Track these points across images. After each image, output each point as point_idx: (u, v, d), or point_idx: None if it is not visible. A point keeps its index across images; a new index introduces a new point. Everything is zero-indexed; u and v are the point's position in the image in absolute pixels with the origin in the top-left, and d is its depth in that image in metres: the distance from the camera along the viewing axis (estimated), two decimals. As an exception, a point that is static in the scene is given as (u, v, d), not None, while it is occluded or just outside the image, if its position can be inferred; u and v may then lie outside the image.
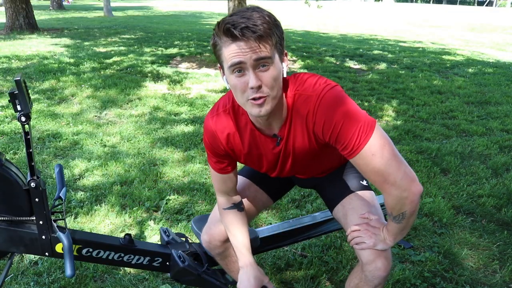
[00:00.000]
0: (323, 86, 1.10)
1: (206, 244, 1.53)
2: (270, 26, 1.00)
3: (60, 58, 7.00)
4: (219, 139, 1.24)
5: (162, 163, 3.15)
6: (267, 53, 1.00)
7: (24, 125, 1.27)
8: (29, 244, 1.42)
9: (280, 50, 1.05)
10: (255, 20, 0.97)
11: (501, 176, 3.07)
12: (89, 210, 2.48)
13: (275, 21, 1.02)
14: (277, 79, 1.04)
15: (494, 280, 1.99)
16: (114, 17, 18.10)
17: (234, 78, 1.03)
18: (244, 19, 0.97)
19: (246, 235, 1.41)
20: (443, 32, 15.13)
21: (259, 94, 1.03)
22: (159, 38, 10.15)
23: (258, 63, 1.00)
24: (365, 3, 52.07)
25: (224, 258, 1.56)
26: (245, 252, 1.40)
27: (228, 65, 1.02)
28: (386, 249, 1.25)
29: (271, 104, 1.06)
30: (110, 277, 1.95)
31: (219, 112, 1.23)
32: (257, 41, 0.98)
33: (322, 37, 11.92)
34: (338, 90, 1.11)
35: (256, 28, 0.97)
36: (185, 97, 5.02)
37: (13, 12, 10.87)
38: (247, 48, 0.98)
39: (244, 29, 0.96)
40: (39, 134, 3.65)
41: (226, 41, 1.00)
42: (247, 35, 0.97)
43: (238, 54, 0.99)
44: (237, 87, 1.04)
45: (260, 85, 1.02)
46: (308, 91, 1.11)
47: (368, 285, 1.30)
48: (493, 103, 5.05)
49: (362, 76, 6.44)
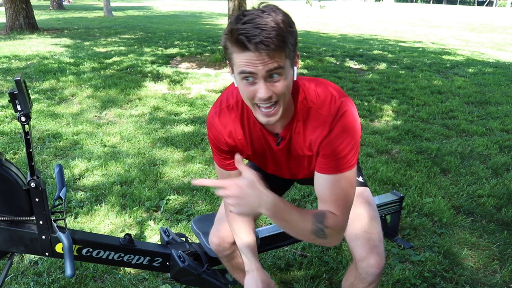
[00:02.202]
0: (337, 109, 1.09)
1: (215, 246, 1.52)
2: (284, 37, 0.95)
3: (60, 58, 7.00)
4: (223, 134, 1.23)
5: (162, 163, 3.15)
6: (279, 64, 0.97)
7: (24, 125, 1.27)
8: (29, 244, 1.42)
9: (292, 56, 1.02)
10: (269, 32, 0.92)
11: (501, 176, 3.07)
12: (89, 210, 2.48)
13: (290, 27, 0.97)
14: (288, 87, 1.03)
15: (494, 280, 1.99)
16: (114, 17, 18.09)
17: (243, 85, 1.02)
18: (258, 30, 0.92)
19: (253, 240, 1.41)
20: (443, 32, 15.13)
21: (269, 104, 1.02)
22: (159, 38, 10.15)
23: (270, 73, 0.98)
24: (365, 3, 52.07)
25: (230, 260, 1.56)
26: (251, 257, 1.39)
27: (239, 71, 0.99)
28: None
29: (281, 112, 1.05)
30: (110, 277, 1.95)
31: (222, 107, 1.22)
32: (270, 55, 0.95)
33: (322, 37, 11.92)
34: (350, 116, 1.10)
35: (269, 42, 0.93)
36: (185, 97, 5.02)
37: (13, 12, 10.87)
38: (259, 60, 0.95)
39: (258, 43, 0.93)
40: (39, 134, 3.65)
41: (238, 50, 0.97)
42: (261, 50, 0.94)
43: (249, 64, 0.96)
44: (245, 94, 1.03)
45: (271, 96, 1.00)
46: (323, 111, 1.11)
47: (363, 282, 1.32)
48: (493, 103, 5.05)
49: (362, 76, 6.44)
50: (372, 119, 4.35)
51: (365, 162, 3.23)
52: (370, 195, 1.46)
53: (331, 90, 1.13)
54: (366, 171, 3.06)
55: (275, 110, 1.03)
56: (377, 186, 2.84)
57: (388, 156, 3.39)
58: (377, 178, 2.95)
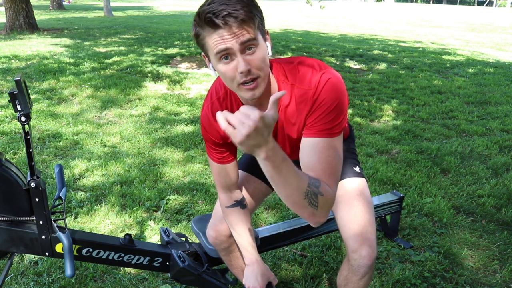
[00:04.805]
0: (317, 81, 1.10)
1: (212, 239, 1.53)
2: (251, 8, 0.99)
3: (60, 58, 7.00)
4: (215, 126, 1.25)
5: (162, 163, 3.15)
6: (251, 35, 0.99)
7: (24, 125, 1.27)
8: (29, 244, 1.42)
9: (262, 30, 1.05)
10: (235, 5, 0.96)
11: (501, 176, 3.07)
12: (89, 210, 2.48)
13: (253, 1, 1.01)
14: (265, 60, 1.05)
15: (494, 280, 1.99)
16: (114, 17, 18.09)
17: (222, 66, 1.03)
18: (223, 6, 0.96)
19: (250, 233, 1.42)
20: (443, 32, 15.13)
21: (249, 77, 1.02)
22: (159, 38, 10.15)
23: (245, 46, 0.99)
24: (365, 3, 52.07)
25: (228, 254, 1.56)
26: (250, 250, 1.41)
27: (214, 52, 1.01)
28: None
29: (263, 85, 1.06)
30: (110, 277, 1.95)
31: (213, 100, 1.24)
32: (240, 26, 0.97)
33: (322, 37, 11.91)
34: (332, 83, 1.10)
35: (237, 13, 0.96)
36: (185, 97, 5.02)
37: (13, 12, 10.87)
38: (231, 35, 0.98)
39: (226, 16, 0.96)
40: (39, 134, 3.65)
41: (209, 31, 0.99)
42: (230, 22, 0.96)
43: (222, 41, 0.99)
44: (226, 74, 1.04)
45: (250, 69, 1.01)
46: (304, 86, 1.12)
47: (356, 275, 1.33)
48: (493, 103, 5.05)
49: (362, 76, 6.44)
50: (372, 119, 4.35)
51: (365, 162, 3.23)
52: (366, 188, 1.45)
53: (311, 65, 1.14)
54: (366, 171, 3.06)
55: (257, 83, 1.04)
56: (377, 186, 2.84)
57: (388, 156, 3.39)
58: (377, 178, 2.95)
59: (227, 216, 1.42)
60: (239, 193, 1.44)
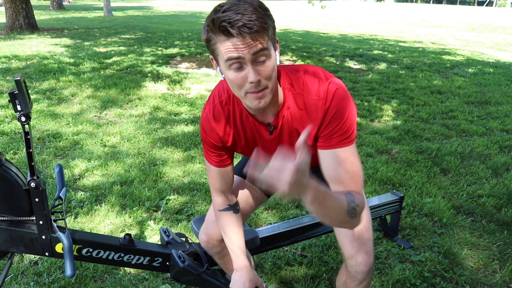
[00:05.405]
0: (326, 91, 1.11)
1: (204, 243, 1.53)
2: (265, 20, 0.99)
3: (60, 58, 7.00)
4: (216, 129, 1.25)
5: (162, 163, 3.15)
6: (264, 46, 0.99)
7: (24, 125, 1.27)
8: (29, 244, 1.42)
9: (273, 39, 1.05)
10: (250, 16, 0.96)
11: (501, 176, 3.07)
12: (89, 210, 2.48)
13: (267, 11, 1.01)
14: (274, 69, 1.05)
15: (494, 280, 1.99)
16: (114, 17, 18.09)
17: (231, 73, 1.03)
18: (239, 15, 0.95)
19: (241, 237, 1.40)
20: (443, 32, 15.13)
21: (259, 87, 1.03)
22: (159, 38, 10.14)
23: (256, 56, 1.00)
24: (365, 3, 52.07)
25: (222, 257, 1.56)
26: (240, 255, 1.39)
27: (225, 58, 1.01)
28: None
29: (270, 96, 1.06)
30: (110, 277, 1.95)
31: (215, 103, 1.23)
32: (254, 37, 0.97)
33: (322, 37, 11.91)
34: (341, 93, 1.12)
35: (252, 24, 0.96)
36: (185, 97, 5.02)
37: (13, 12, 10.87)
38: (244, 44, 0.98)
39: (241, 27, 0.95)
40: (39, 134, 3.65)
41: (222, 38, 0.99)
42: (244, 33, 0.96)
43: (235, 50, 0.98)
44: (235, 82, 1.03)
45: (259, 79, 1.01)
46: (313, 96, 1.12)
47: (353, 280, 1.33)
48: (493, 103, 5.05)
49: (362, 76, 6.44)
50: (372, 119, 4.35)
51: (365, 162, 3.23)
52: None
53: (316, 74, 1.15)
54: (366, 171, 3.06)
55: (264, 92, 1.05)
56: (377, 186, 2.84)
57: (388, 156, 3.39)
58: (377, 178, 2.95)
59: (219, 219, 1.41)
60: (234, 198, 1.43)
